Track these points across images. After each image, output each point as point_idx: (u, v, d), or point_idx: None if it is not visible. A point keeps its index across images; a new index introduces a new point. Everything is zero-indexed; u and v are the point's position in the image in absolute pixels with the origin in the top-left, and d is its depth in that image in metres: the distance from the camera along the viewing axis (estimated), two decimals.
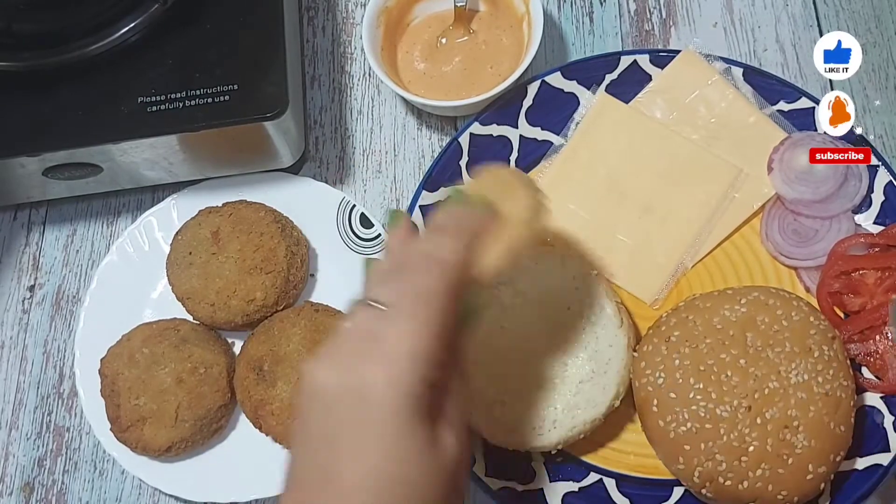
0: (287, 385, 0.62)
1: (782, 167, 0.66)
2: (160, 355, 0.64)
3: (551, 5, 0.78)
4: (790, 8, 0.76)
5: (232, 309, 0.65)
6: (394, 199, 0.73)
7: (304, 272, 0.68)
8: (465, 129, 0.69)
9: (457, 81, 0.73)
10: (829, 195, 0.65)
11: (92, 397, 0.66)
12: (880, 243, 0.63)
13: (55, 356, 0.71)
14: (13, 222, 0.76)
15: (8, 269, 0.74)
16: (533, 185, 0.48)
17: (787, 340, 0.56)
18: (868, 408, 0.61)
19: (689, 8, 0.77)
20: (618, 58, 0.71)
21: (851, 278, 0.63)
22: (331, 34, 0.79)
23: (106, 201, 0.76)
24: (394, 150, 0.75)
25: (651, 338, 0.59)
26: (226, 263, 0.65)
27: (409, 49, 0.75)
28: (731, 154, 0.68)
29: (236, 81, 0.64)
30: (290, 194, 0.71)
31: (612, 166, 0.69)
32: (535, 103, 0.70)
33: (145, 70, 0.65)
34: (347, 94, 0.77)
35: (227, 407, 0.65)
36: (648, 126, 0.69)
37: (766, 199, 0.67)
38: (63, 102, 0.64)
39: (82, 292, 0.72)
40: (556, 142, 0.70)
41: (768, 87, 0.69)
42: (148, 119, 0.63)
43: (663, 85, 0.70)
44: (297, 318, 0.64)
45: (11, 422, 0.69)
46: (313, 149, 0.75)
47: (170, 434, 0.63)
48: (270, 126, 0.64)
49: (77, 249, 0.74)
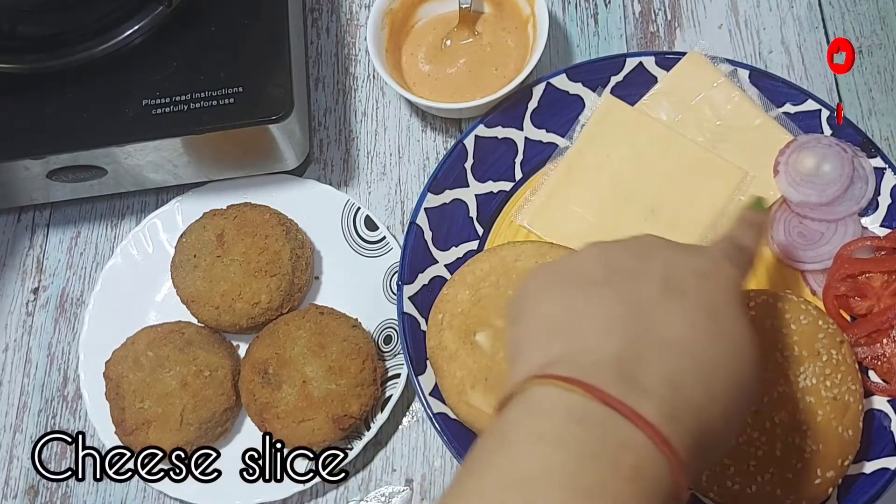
0: (292, 388, 0.62)
1: (788, 170, 0.66)
2: (165, 358, 0.64)
3: (556, 7, 0.78)
4: (795, 10, 0.76)
5: (237, 312, 0.65)
6: (398, 202, 0.73)
7: (308, 275, 0.68)
8: (469, 132, 0.69)
9: (461, 83, 0.72)
10: (836, 198, 0.65)
11: (96, 400, 0.66)
12: (887, 246, 0.63)
13: (59, 359, 0.71)
14: (17, 224, 0.76)
15: (12, 272, 0.74)
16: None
17: (795, 344, 0.56)
18: (875, 411, 0.60)
19: (694, 10, 0.77)
20: (623, 60, 0.70)
21: (858, 281, 0.63)
22: (335, 36, 0.79)
23: (110, 204, 0.75)
24: (398, 152, 0.75)
25: None
26: (230, 266, 0.65)
27: (413, 51, 0.75)
28: (736, 156, 0.68)
29: (241, 84, 0.64)
30: (294, 197, 0.71)
31: (617, 168, 0.68)
32: (540, 105, 0.70)
33: (150, 72, 0.65)
34: (352, 96, 0.77)
35: (232, 410, 0.65)
36: (654, 128, 0.69)
37: (772, 201, 0.67)
38: (67, 105, 0.64)
39: (86, 295, 0.72)
40: (561, 144, 0.70)
41: (774, 89, 0.69)
42: (152, 121, 0.63)
43: (669, 87, 0.70)
44: (301, 321, 0.64)
45: (16, 425, 0.69)
46: (318, 151, 0.75)
47: (174, 437, 0.62)
48: (275, 128, 0.64)
49: (81, 252, 0.74)
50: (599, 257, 0.45)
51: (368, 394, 0.62)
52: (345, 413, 0.61)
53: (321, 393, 0.61)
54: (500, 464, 0.36)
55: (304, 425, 0.61)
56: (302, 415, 0.61)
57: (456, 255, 0.67)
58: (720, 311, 0.42)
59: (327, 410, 0.61)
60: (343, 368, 0.62)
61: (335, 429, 0.61)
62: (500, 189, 0.69)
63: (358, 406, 0.62)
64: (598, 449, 0.36)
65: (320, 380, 0.62)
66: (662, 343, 0.40)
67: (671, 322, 0.41)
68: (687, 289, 0.42)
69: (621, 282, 0.43)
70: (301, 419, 0.61)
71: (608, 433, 0.36)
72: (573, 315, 0.42)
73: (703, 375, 0.39)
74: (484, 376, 0.57)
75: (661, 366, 0.39)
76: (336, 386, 0.61)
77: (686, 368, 0.39)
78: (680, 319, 0.41)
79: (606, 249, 0.46)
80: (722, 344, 0.41)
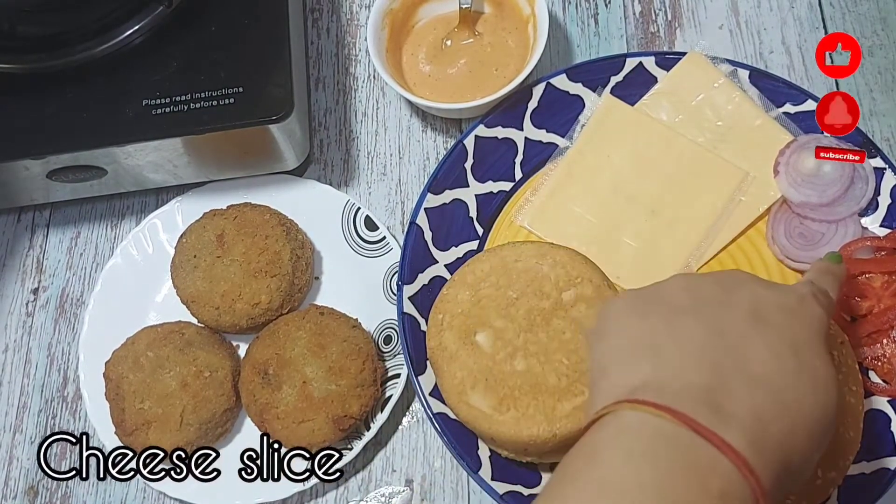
0: (292, 389, 0.62)
1: (788, 170, 0.66)
2: (165, 359, 0.64)
3: (556, 7, 0.78)
4: (796, 10, 0.76)
5: (237, 312, 0.65)
6: (398, 202, 0.73)
7: (308, 275, 0.68)
8: (470, 132, 0.69)
9: (462, 83, 0.72)
10: (836, 198, 0.65)
11: (96, 401, 0.66)
12: (887, 247, 0.63)
13: (59, 359, 0.71)
14: (17, 225, 0.76)
15: (11, 272, 0.74)
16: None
17: None
18: (875, 412, 0.60)
19: (695, 10, 0.77)
20: (623, 60, 0.70)
21: (858, 282, 0.63)
22: (335, 36, 0.79)
23: (110, 204, 0.75)
24: (398, 153, 0.75)
25: None
26: (230, 266, 0.65)
27: (413, 51, 0.74)
28: (737, 157, 0.68)
29: (241, 84, 0.64)
30: (294, 197, 0.71)
31: (617, 169, 0.68)
32: (540, 105, 0.70)
33: (150, 72, 0.65)
34: (352, 97, 0.77)
35: (232, 411, 0.65)
36: (654, 128, 0.69)
37: (773, 201, 0.66)
38: (67, 105, 0.64)
39: (86, 295, 0.72)
40: (561, 144, 0.70)
41: (774, 89, 0.69)
42: (153, 122, 0.63)
43: (669, 87, 0.70)
44: (302, 322, 0.64)
45: (16, 425, 0.69)
46: (318, 151, 0.75)
47: (174, 438, 0.62)
48: (275, 129, 0.64)
49: (81, 252, 0.74)
50: (686, 286, 0.47)
51: (368, 394, 0.62)
52: (345, 413, 0.61)
53: (321, 393, 0.61)
54: (595, 476, 0.39)
55: (305, 426, 0.61)
56: (302, 415, 0.61)
57: (456, 255, 0.67)
58: (804, 347, 0.44)
59: (327, 411, 0.61)
60: (343, 369, 0.62)
61: (335, 429, 0.61)
62: (500, 189, 0.69)
63: (358, 406, 0.62)
64: (688, 470, 0.38)
65: (320, 380, 0.62)
66: (748, 376, 0.42)
67: (757, 355, 0.42)
68: (773, 322, 0.44)
69: (708, 311, 0.45)
70: (301, 420, 0.61)
71: (697, 457, 0.39)
72: (660, 339, 0.44)
73: (785, 410, 0.41)
74: (484, 377, 0.56)
75: (747, 398, 0.41)
76: (336, 386, 0.61)
77: (770, 402, 0.41)
78: (766, 353, 0.43)
79: (693, 279, 0.48)
80: (805, 380, 0.42)
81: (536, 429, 0.55)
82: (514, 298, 0.58)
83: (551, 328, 0.57)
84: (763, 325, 0.44)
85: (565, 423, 0.55)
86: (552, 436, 0.55)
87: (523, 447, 0.57)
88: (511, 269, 0.60)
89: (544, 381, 0.56)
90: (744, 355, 0.42)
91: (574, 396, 0.55)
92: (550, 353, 0.56)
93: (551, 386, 0.55)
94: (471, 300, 0.59)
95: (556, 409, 0.55)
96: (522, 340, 0.57)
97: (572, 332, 0.57)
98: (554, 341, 0.57)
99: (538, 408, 0.55)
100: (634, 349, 0.44)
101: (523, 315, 0.58)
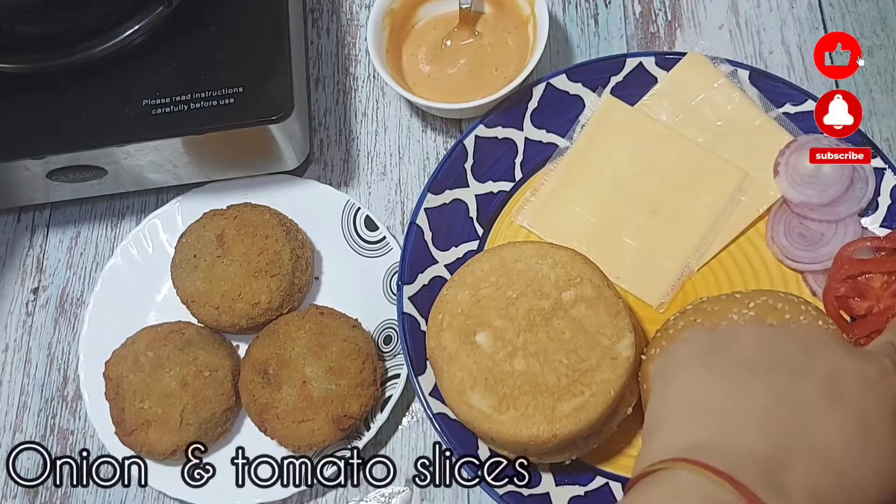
0: (292, 388, 0.62)
1: (788, 170, 0.66)
2: (165, 358, 0.64)
3: (556, 7, 0.78)
4: (796, 10, 0.76)
5: (237, 312, 0.65)
6: (398, 202, 0.73)
7: (308, 275, 0.68)
8: (470, 132, 0.69)
9: (462, 84, 0.72)
10: (836, 198, 0.65)
11: (96, 400, 0.66)
12: (887, 247, 0.63)
13: (59, 359, 0.71)
14: (17, 224, 0.76)
15: (11, 272, 0.74)
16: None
17: None
18: None
19: (695, 10, 0.77)
20: (623, 60, 0.70)
21: (858, 282, 0.63)
22: (335, 36, 0.79)
23: (110, 204, 0.75)
24: (398, 153, 0.75)
25: (659, 340, 0.59)
26: (230, 266, 0.65)
27: (413, 51, 0.74)
28: (736, 157, 0.68)
29: (241, 84, 0.64)
30: (294, 197, 0.71)
31: (617, 169, 0.68)
32: (540, 105, 0.70)
33: (150, 72, 0.65)
34: (352, 97, 0.77)
35: (232, 410, 0.65)
36: (654, 128, 0.69)
37: (772, 202, 0.67)
38: (67, 105, 0.64)
39: (86, 295, 0.72)
40: (561, 144, 0.70)
41: (774, 89, 0.69)
42: (152, 122, 0.63)
43: (669, 87, 0.70)
44: (302, 322, 0.64)
45: (16, 425, 0.69)
46: (318, 151, 0.75)
47: (174, 438, 0.62)
48: (275, 129, 0.64)
49: (81, 252, 0.74)
50: (763, 341, 0.46)
51: (368, 394, 0.62)
52: (345, 413, 0.61)
53: (321, 393, 0.61)
54: None
55: (304, 426, 0.61)
56: (302, 415, 0.61)
57: (456, 255, 0.67)
58: (876, 426, 0.43)
59: (327, 411, 0.61)
60: (343, 369, 0.62)
61: (335, 429, 0.61)
62: (500, 189, 0.69)
63: (358, 406, 0.62)
64: None
65: (320, 380, 0.62)
66: (812, 452, 0.41)
67: (824, 431, 0.42)
68: (848, 397, 0.43)
69: (781, 375, 0.44)
70: (301, 419, 0.61)
71: None
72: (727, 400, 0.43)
73: (845, 493, 0.41)
74: (484, 377, 0.57)
75: (807, 476, 0.40)
76: (336, 386, 0.61)
77: (829, 480, 0.41)
78: (833, 431, 0.42)
79: (770, 334, 0.47)
80: (870, 463, 0.42)
81: (536, 429, 0.55)
82: (514, 298, 0.58)
83: (551, 328, 0.57)
84: (837, 400, 0.43)
85: (565, 423, 0.55)
86: (552, 436, 0.55)
87: (523, 447, 0.57)
88: (511, 269, 0.60)
89: (544, 381, 0.56)
90: (810, 428, 0.42)
91: (574, 396, 0.55)
92: (550, 353, 0.56)
93: (551, 386, 0.55)
94: (470, 300, 0.59)
95: (556, 409, 0.55)
96: (522, 340, 0.57)
97: (572, 332, 0.57)
98: (554, 341, 0.57)
99: (538, 408, 0.55)
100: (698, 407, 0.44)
101: (523, 315, 0.58)
